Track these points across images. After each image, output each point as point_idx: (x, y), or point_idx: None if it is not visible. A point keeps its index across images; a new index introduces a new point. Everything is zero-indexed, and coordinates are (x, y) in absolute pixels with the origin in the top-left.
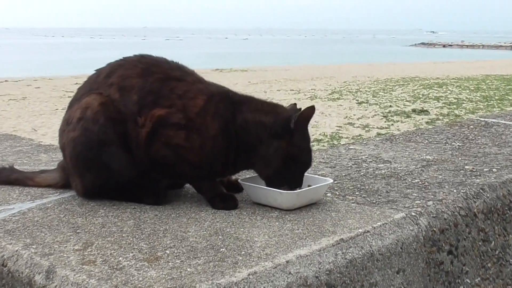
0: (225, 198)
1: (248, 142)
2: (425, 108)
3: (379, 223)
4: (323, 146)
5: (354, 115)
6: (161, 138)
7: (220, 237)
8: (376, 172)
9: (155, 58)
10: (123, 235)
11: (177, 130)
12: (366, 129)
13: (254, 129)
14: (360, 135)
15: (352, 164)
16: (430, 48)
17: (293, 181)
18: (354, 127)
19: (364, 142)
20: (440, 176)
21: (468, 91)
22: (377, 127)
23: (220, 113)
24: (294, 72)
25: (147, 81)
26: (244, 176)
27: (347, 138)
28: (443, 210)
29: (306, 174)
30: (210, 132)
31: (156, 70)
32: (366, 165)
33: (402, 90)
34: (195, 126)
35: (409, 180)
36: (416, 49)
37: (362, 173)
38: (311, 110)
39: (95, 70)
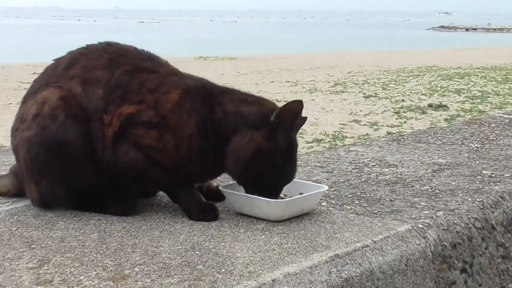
0: (204, 208)
1: (225, 135)
2: (443, 103)
3: (380, 237)
4: (324, 147)
5: (361, 111)
6: (130, 138)
7: (197, 252)
8: (380, 177)
9: (123, 46)
10: (85, 250)
11: (148, 130)
12: (375, 127)
13: (232, 120)
14: (367, 134)
15: (352, 169)
16: (451, 32)
17: (267, 190)
18: (360, 125)
19: (367, 143)
20: (454, 183)
21: (494, 82)
22: (388, 125)
23: (197, 108)
24: (290, 61)
25: (114, 73)
26: (227, 182)
27: (352, 137)
28: (455, 221)
29: (298, 179)
30: (186, 131)
31: (125, 61)
32: (368, 169)
33: (417, 81)
34: (169, 124)
35: (417, 187)
36: (434, 34)
37: (363, 179)
38: (296, 104)
39: (53, 60)
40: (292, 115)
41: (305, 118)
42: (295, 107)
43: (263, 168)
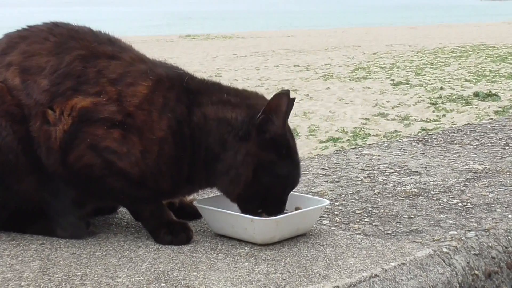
0: (173, 228)
1: (209, 148)
2: (493, 91)
3: (393, 264)
4: (342, 148)
5: (388, 102)
6: (85, 139)
7: (162, 284)
8: (398, 188)
9: (74, 27)
10: (22, 283)
11: (108, 129)
12: (405, 122)
13: (215, 129)
14: (396, 131)
15: (364, 177)
16: (505, 0)
17: (272, 204)
18: (387, 119)
19: (385, 144)
20: (491, 195)
21: None
22: (422, 120)
23: (171, 106)
24: (300, 40)
25: (63, 59)
26: (205, 195)
27: (376, 135)
28: (490, 244)
29: (293, 191)
30: (156, 133)
31: (77, 45)
32: (384, 178)
33: (459, 64)
34: (135, 124)
35: (445, 200)
36: (483, 3)
37: (376, 191)
38: (280, 98)
39: None
40: (277, 112)
41: (293, 99)
42: (278, 101)
43: (266, 183)
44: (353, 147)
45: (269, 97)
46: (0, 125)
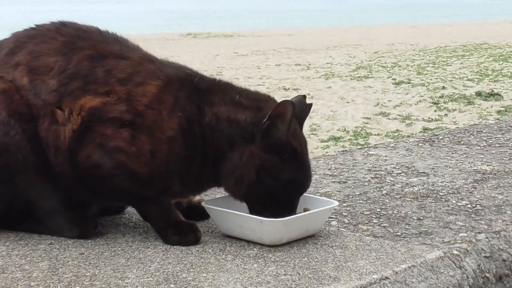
0: (182, 229)
1: (219, 147)
2: (496, 91)
3: (403, 266)
4: (343, 147)
5: (390, 101)
6: (94, 138)
7: (172, 285)
8: (406, 189)
9: (82, 26)
10: (32, 283)
11: (118, 128)
12: (407, 122)
13: (226, 129)
14: (397, 130)
15: (371, 178)
16: None
17: (278, 207)
18: (389, 118)
19: (392, 144)
20: (500, 196)
21: None
22: (424, 119)
23: (181, 106)
24: (301, 39)
25: (71, 59)
26: (213, 196)
27: (378, 135)
28: (501, 246)
29: None
30: (166, 133)
31: (84, 44)
32: (391, 179)
33: (461, 63)
34: (145, 123)
35: (453, 201)
36: (486, 2)
37: (384, 192)
38: (285, 106)
39: None
40: (284, 118)
41: (310, 105)
42: (285, 109)
43: (269, 185)
44: (359, 147)
45: (271, 95)
46: (9, 124)
